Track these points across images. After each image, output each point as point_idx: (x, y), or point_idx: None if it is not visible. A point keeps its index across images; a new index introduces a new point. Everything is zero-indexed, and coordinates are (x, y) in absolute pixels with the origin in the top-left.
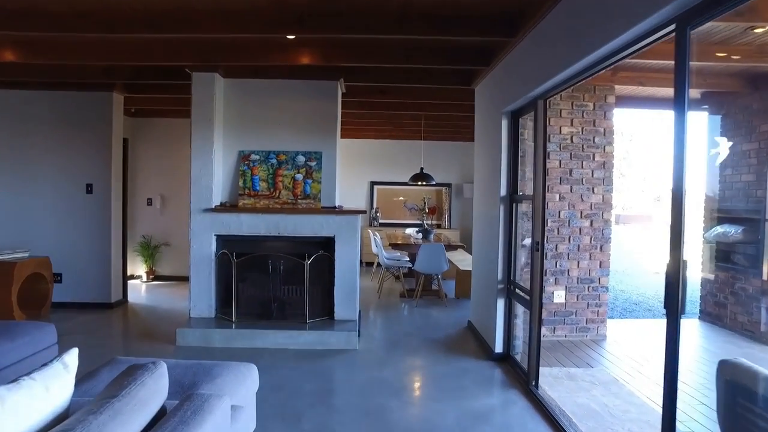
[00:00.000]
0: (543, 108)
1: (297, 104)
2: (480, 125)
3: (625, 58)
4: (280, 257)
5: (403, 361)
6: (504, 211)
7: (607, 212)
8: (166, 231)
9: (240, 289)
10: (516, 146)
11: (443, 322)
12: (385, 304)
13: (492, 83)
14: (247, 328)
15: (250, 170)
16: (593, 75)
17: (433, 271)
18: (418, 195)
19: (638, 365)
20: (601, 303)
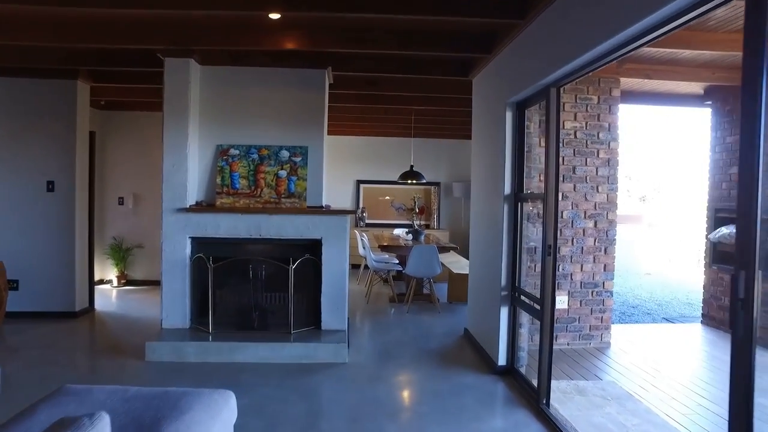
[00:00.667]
0: (556, 97)
1: (281, 95)
2: (479, 119)
3: (667, 34)
4: (262, 262)
5: (398, 376)
6: (508, 211)
7: (612, 212)
8: (140, 232)
9: (217, 296)
10: (521, 141)
11: (437, 329)
12: (374, 309)
13: (494, 72)
14: (226, 341)
15: (228, 166)
16: (621, 57)
17: (425, 275)
18: (406, 194)
19: (650, 377)
20: (605, 308)
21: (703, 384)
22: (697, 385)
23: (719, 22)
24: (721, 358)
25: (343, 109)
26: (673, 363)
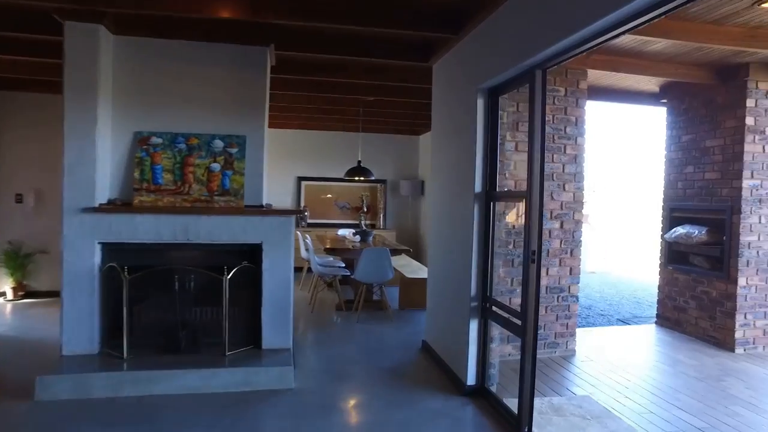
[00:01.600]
0: (542, 81)
1: (215, 75)
2: (442, 109)
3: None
4: (191, 271)
5: (354, 403)
6: (479, 212)
7: (578, 212)
8: (43, 235)
9: (135, 314)
10: (494, 132)
11: (392, 341)
12: (320, 319)
13: (463, 55)
14: (145, 369)
15: (149, 157)
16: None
17: (376, 281)
18: (350, 192)
19: (622, 387)
20: (570, 314)
21: (673, 392)
22: (668, 394)
23: (700, 10)
24: (684, 361)
25: (286, 98)
26: (639, 370)
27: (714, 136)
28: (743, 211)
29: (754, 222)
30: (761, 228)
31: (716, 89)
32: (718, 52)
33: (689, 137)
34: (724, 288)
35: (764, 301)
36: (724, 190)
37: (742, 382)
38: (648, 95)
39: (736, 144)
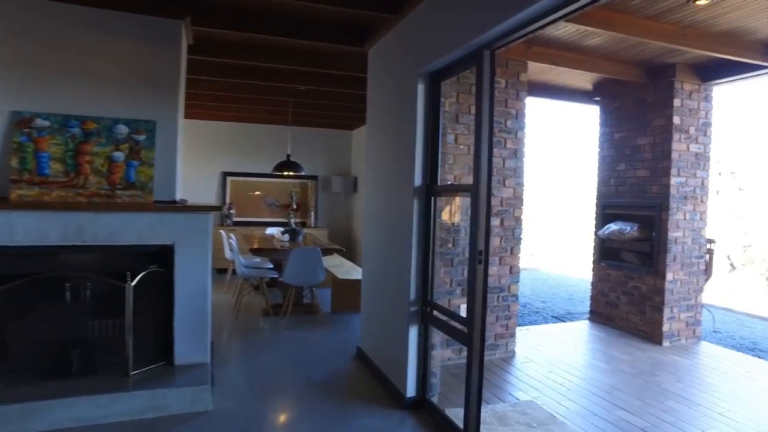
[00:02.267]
0: (490, 62)
1: (119, 49)
2: (378, 97)
3: None
4: (87, 278)
5: (280, 425)
6: (419, 208)
7: (519, 209)
8: None
9: (11, 332)
10: (435, 121)
11: (324, 348)
12: (245, 326)
13: (403, 37)
14: (22, 401)
15: (33, 143)
16: (584, 8)
17: (307, 283)
18: (280, 189)
19: (563, 389)
20: (511, 314)
21: (612, 390)
22: (609, 393)
23: (640, 4)
24: (619, 357)
25: (209, 84)
26: (578, 369)
27: (644, 134)
28: (671, 208)
29: (680, 218)
30: (686, 224)
31: (646, 88)
32: (651, 51)
33: (621, 135)
34: (653, 283)
35: (687, 294)
36: (654, 187)
37: (672, 375)
38: (582, 93)
39: (665, 142)
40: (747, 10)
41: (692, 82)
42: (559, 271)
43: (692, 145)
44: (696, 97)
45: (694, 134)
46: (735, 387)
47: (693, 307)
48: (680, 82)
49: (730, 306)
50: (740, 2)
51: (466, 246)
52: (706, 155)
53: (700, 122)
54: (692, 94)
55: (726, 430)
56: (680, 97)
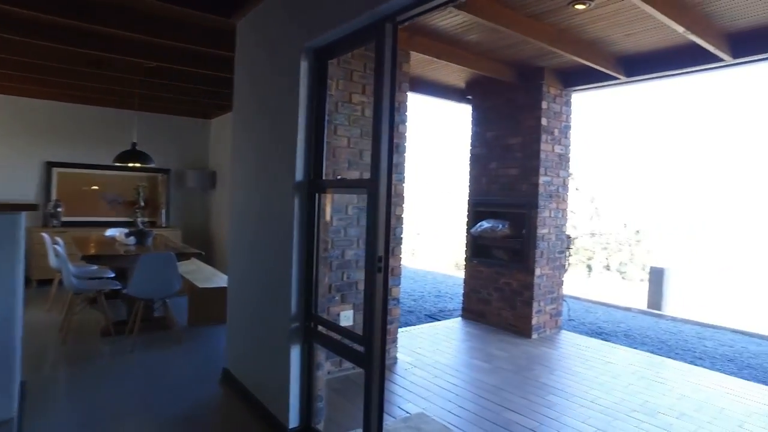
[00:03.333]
0: (393, 38)
1: None
2: (250, 77)
3: None
4: None
5: None
6: (301, 206)
7: (400, 207)
8: None
9: None
10: (321, 105)
11: (182, 372)
12: (76, 352)
13: (282, 7)
14: None
15: None
16: None
17: (159, 295)
18: (124, 183)
19: (451, 395)
20: (392, 319)
21: (497, 391)
22: (494, 395)
23: (527, 1)
24: (497, 354)
25: (28, 50)
26: (461, 371)
27: (516, 134)
28: (539, 206)
29: (546, 216)
30: (551, 221)
31: (518, 90)
32: (525, 53)
33: (493, 134)
34: (523, 279)
35: (552, 288)
36: (524, 185)
37: (545, 368)
38: (455, 91)
39: (534, 143)
40: (610, 22)
41: (556, 87)
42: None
43: (556, 147)
44: (559, 101)
45: (557, 136)
46: (597, 373)
47: (556, 299)
48: (547, 85)
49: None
50: (607, 13)
51: (347, 248)
52: (567, 156)
53: (562, 125)
54: (556, 98)
55: (600, 418)
56: (547, 100)
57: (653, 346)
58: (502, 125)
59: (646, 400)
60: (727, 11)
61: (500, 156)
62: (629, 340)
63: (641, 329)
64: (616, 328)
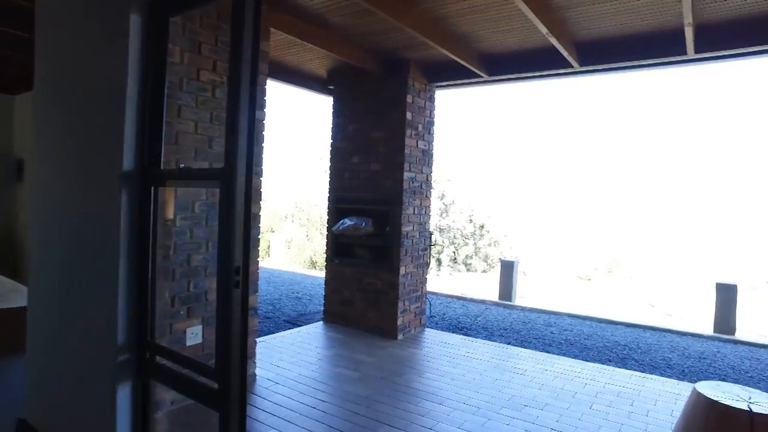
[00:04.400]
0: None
1: None
2: (57, 40)
3: None
4: None
5: None
6: (129, 203)
7: (257, 204)
8: None
9: None
10: (159, 75)
11: None
12: None
13: None
14: None
15: None
16: None
17: None
18: None
19: (322, 415)
20: (249, 331)
21: (372, 404)
22: (368, 407)
23: None
24: (365, 361)
25: None
26: (327, 384)
27: (379, 128)
28: (403, 203)
29: (410, 213)
30: (414, 218)
31: (382, 82)
32: (392, 42)
33: (355, 127)
34: (388, 278)
35: (416, 286)
36: (387, 181)
37: (414, 370)
38: (316, 80)
39: (398, 137)
40: (480, 16)
41: (421, 81)
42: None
43: (420, 142)
44: (423, 96)
45: (421, 131)
46: (464, 371)
47: (420, 297)
48: (412, 79)
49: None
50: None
51: (193, 252)
52: (430, 152)
53: (426, 120)
54: (421, 93)
55: (475, 420)
56: (412, 94)
57: (509, 337)
58: (366, 118)
59: (513, 394)
60: (580, 19)
61: (363, 150)
62: (487, 333)
63: (496, 321)
64: (474, 321)
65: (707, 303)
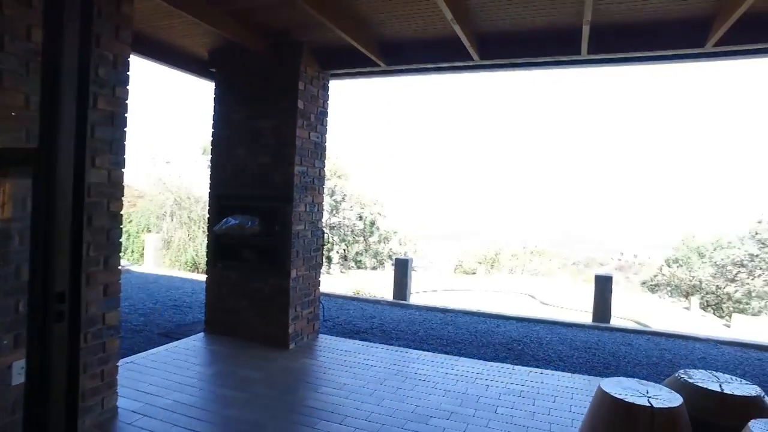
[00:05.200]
0: None
1: None
2: None
3: None
4: None
5: None
6: None
7: (117, 201)
8: None
9: None
10: None
11: None
12: None
13: None
14: None
15: None
16: None
17: None
18: None
19: None
20: (108, 356)
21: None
22: None
23: None
24: (253, 377)
25: None
26: (210, 411)
27: (267, 116)
28: (294, 199)
29: (301, 210)
30: (306, 216)
31: (272, 66)
32: (285, 20)
33: (241, 115)
34: (278, 282)
35: (308, 290)
36: (276, 176)
37: (310, 385)
38: (196, 61)
39: (289, 128)
40: None
41: (314, 67)
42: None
43: (312, 133)
44: (316, 84)
45: (314, 122)
46: (364, 381)
47: (313, 302)
48: (305, 65)
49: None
50: None
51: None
52: (323, 144)
53: (318, 110)
54: (314, 80)
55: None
56: (304, 80)
57: (407, 339)
58: (252, 106)
59: (417, 404)
60: (482, 9)
61: (250, 141)
62: (385, 335)
63: (393, 322)
64: (370, 324)
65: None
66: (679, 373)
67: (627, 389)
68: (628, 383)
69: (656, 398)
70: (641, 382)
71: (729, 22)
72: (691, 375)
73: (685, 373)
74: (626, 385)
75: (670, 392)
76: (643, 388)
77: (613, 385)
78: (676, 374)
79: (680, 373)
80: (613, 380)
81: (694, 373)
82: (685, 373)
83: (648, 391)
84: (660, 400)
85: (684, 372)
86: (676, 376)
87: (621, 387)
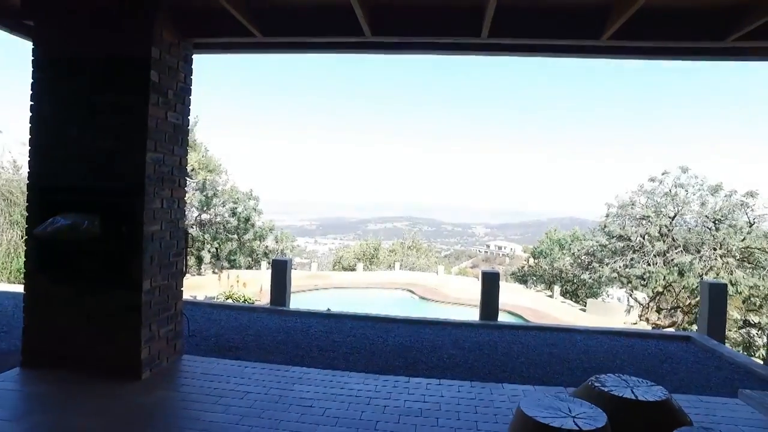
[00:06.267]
0: None
1: None
2: None
3: None
4: None
5: None
6: None
7: None
8: None
9: None
10: None
11: None
12: None
13: None
14: None
15: None
16: None
17: None
18: None
19: None
20: None
21: None
22: None
23: None
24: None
25: None
26: None
27: (109, 89)
28: (147, 193)
29: (156, 207)
30: (163, 214)
31: (117, 25)
32: None
33: (73, 86)
34: (126, 297)
35: (167, 303)
36: (123, 164)
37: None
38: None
39: (140, 105)
40: None
41: (173, 33)
42: None
43: (170, 113)
44: (176, 54)
45: (172, 100)
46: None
47: (173, 317)
48: (161, 27)
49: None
50: None
51: None
52: (184, 128)
53: (179, 86)
54: (172, 49)
55: None
56: (160, 47)
57: (288, 353)
58: (89, 75)
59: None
60: None
61: (85, 120)
62: (262, 351)
63: (271, 333)
64: (244, 337)
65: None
66: (591, 381)
67: (548, 409)
68: (547, 401)
69: (580, 417)
70: (560, 397)
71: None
72: (603, 382)
73: (597, 381)
74: (546, 403)
75: (591, 407)
76: (564, 405)
77: (533, 406)
78: (589, 382)
79: (592, 381)
80: (532, 399)
81: (605, 379)
82: (597, 381)
83: (570, 409)
84: (585, 419)
85: (596, 379)
86: (589, 385)
87: (542, 407)
